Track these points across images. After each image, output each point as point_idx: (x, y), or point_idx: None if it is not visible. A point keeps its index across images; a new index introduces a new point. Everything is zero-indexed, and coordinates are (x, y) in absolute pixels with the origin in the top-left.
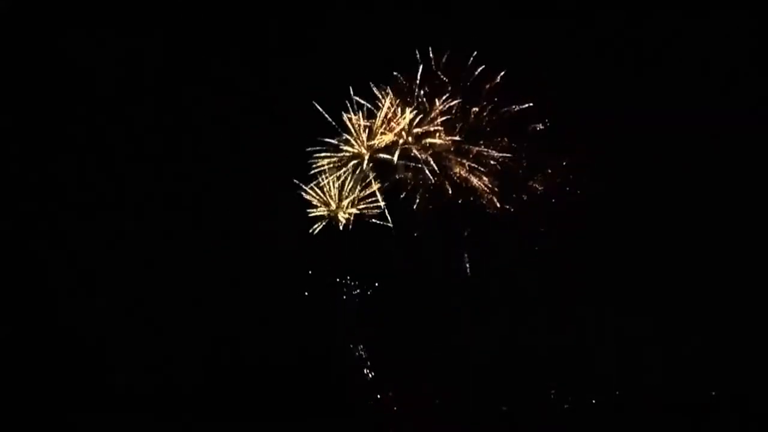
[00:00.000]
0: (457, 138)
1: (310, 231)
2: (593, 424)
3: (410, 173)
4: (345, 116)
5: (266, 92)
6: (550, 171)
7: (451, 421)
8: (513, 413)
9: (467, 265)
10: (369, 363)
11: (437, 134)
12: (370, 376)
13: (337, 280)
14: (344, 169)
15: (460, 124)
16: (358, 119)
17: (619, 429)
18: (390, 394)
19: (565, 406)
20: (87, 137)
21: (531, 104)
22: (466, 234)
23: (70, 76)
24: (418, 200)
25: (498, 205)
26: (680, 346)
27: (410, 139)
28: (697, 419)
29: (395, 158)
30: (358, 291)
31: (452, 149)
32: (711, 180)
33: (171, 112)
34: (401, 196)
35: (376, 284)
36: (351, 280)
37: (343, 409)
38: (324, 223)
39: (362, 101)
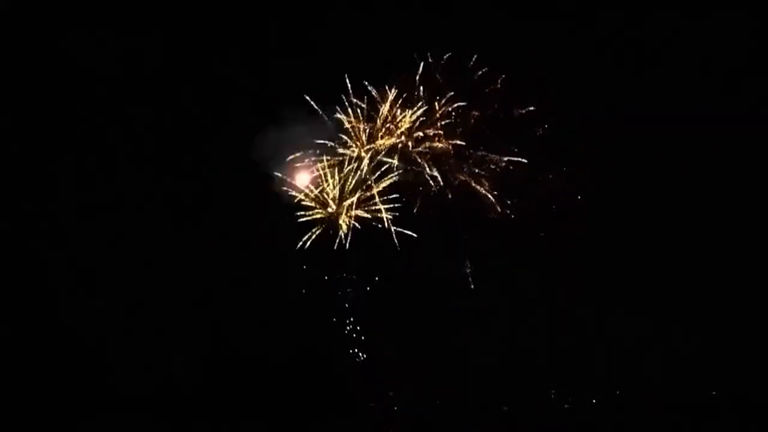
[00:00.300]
0: (457, 141)
1: (310, 234)
2: (593, 424)
3: (411, 176)
4: (345, 118)
5: (266, 92)
6: (550, 172)
7: (451, 421)
8: (513, 413)
9: (467, 267)
10: (369, 363)
11: (437, 137)
12: (369, 375)
13: (337, 281)
14: (344, 171)
15: (461, 128)
16: (359, 122)
17: (619, 429)
18: (390, 394)
19: (565, 406)
20: (87, 137)
21: (532, 108)
22: (466, 236)
23: (70, 76)
24: (418, 203)
25: (498, 206)
26: (680, 346)
27: (410, 142)
28: (697, 419)
29: (395, 161)
30: (358, 292)
31: (453, 152)
32: (711, 180)
33: (171, 112)
34: (402, 198)
35: (377, 285)
36: (351, 281)
37: (343, 409)
38: (323, 227)
39: (362, 104)
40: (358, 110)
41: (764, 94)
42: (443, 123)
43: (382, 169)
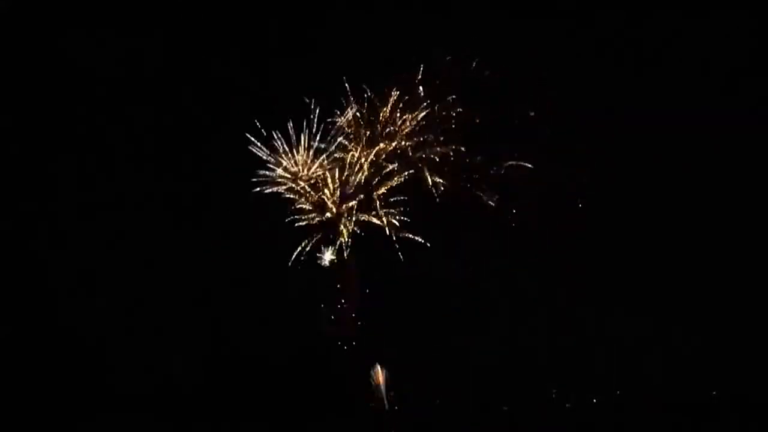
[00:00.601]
0: (458, 145)
1: (309, 239)
2: (593, 424)
3: (411, 179)
4: (345, 121)
5: (266, 92)
6: (550, 172)
7: (451, 421)
8: (513, 413)
9: (468, 267)
10: (369, 363)
11: (438, 140)
12: (369, 375)
13: (338, 281)
14: (344, 175)
15: (461, 131)
16: (359, 125)
17: (619, 429)
18: (390, 393)
19: (566, 406)
20: (87, 137)
21: (532, 113)
22: (466, 237)
23: (70, 76)
24: (419, 206)
25: (498, 208)
26: (680, 346)
27: (411, 145)
28: (697, 419)
29: (396, 164)
30: (359, 292)
31: (453, 155)
32: (711, 180)
33: (171, 112)
34: (402, 201)
35: (377, 286)
36: (352, 281)
37: (343, 409)
38: (322, 233)
39: (362, 107)
40: (358, 113)
41: (764, 94)
42: (444, 126)
43: (383, 172)
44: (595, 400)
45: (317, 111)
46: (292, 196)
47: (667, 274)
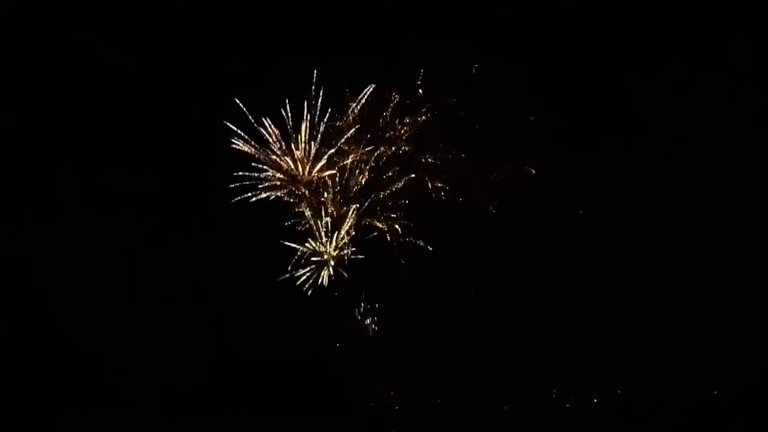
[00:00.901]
0: (458, 148)
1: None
2: (593, 424)
3: (411, 184)
4: (344, 124)
5: (266, 94)
6: (552, 177)
7: (451, 421)
8: (514, 413)
9: (469, 269)
10: (370, 363)
11: (437, 144)
12: (370, 376)
13: (339, 282)
14: (344, 178)
15: (461, 135)
16: (358, 129)
17: (619, 428)
18: (391, 393)
19: (567, 406)
20: (87, 137)
21: (533, 118)
22: (469, 242)
23: (71, 76)
24: (419, 210)
25: (499, 211)
26: (680, 346)
27: (411, 150)
28: (697, 419)
29: (396, 169)
30: (360, 293)
31: (452, 159)
32: (710, 180)
33: (171, 112)
34: (403, 205)
35: (378, 287)
36: (353, 283)
37: (343, 408)
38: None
39: (362, 111)
40: (359, 116)
41: (764, 96)
42: (444, 131)
43: (383, 176)
44: (595, 400)
45: (317, 114)
46: (292, 199)
47: (668, 275)
